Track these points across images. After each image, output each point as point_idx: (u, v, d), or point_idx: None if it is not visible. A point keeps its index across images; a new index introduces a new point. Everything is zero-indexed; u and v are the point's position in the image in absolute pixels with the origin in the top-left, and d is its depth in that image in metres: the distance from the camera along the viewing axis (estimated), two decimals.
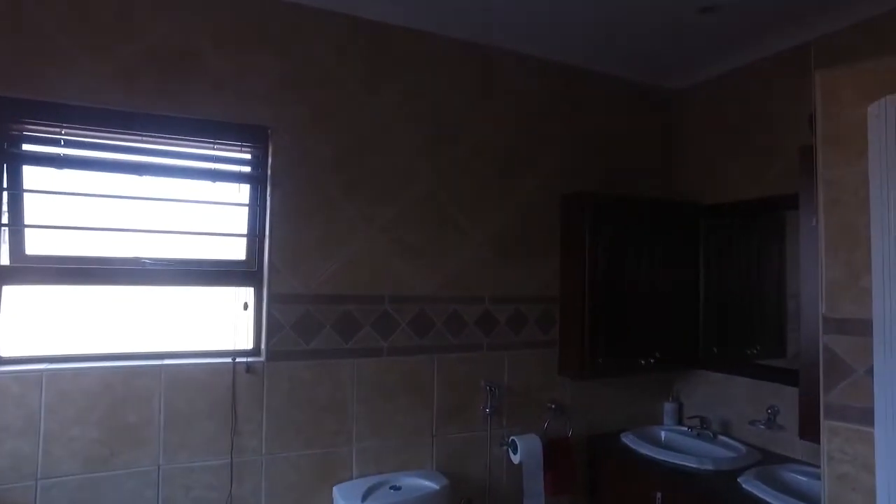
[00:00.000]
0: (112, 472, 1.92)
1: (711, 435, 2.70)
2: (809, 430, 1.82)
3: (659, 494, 2.38)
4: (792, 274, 2.56)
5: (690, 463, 2.38)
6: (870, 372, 1.33)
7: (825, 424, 1.42)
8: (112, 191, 2.01)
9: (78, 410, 1.88)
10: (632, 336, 2.72)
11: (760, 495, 2.06)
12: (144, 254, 2.05)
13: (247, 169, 2.20)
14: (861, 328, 1.36)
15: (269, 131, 2.19)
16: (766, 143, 2.67)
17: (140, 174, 2.04)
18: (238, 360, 2.10)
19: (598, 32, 2.50)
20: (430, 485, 2.25)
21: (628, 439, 2.69)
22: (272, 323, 2.16)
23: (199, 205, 2.13)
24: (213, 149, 2.13)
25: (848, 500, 1.36)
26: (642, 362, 2.73)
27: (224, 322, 2.18)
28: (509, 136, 2.64)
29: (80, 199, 1.96)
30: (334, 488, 2.21)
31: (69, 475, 1.86)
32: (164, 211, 2.08)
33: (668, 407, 2.99)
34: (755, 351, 2.76)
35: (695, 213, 2.95)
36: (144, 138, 2.03)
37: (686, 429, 2.85)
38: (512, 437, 2.54)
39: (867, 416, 1.34)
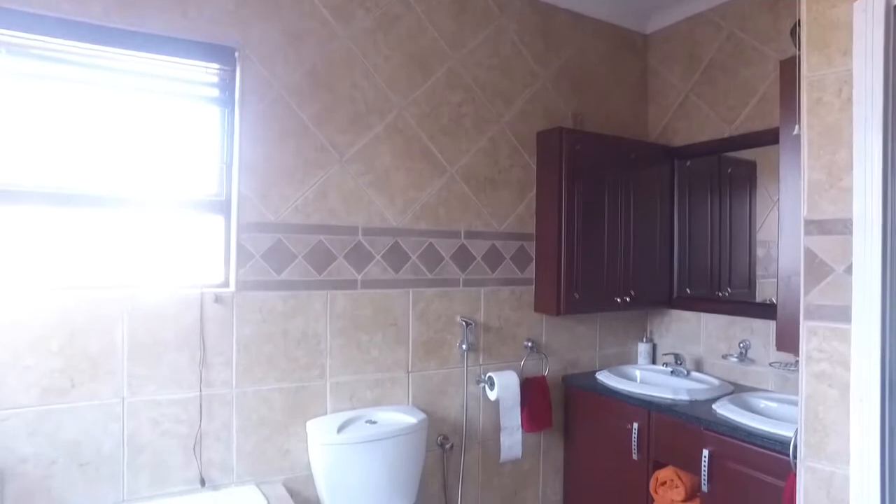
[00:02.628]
0: (73, 404, 1.83)
1: (685, 372, 2.73)
2: (785, 343, 1.84)
3: (635, 425, 2.40)
4: (761, 221, 2.60)
5: (665, 394, 2.40)
6: (849, 270, 1.34)
7: (804, 326, 1.42)
8: (65, 111, 1.88)
9: (34, 339, 1.78)
10: (607, 275, 2.71)
11: (734, 417, 2.09)
12: (106, 181, 1.93)
13: (214, 91, 2.09)
14: (841, 227, 1.36)
15: (236, 53, 2.08)
16: (741, 83, 2.67)
17: (96, 89, 1.91)
18: (206, 289, 2.02)
19: None
20: (406, 419, 2.23)
21: (603, 376, 2.71)
22: (242, 253, 2.08)
23: (163, 134, 2.01)
24: (177, 68, 2.01)
25: (825, 395, 1.37)
26: (617, 300, 2.73)
27: (191, 255, 2.08)
28: (485, 71, 2.58)
29: (33, 118, 1.83)
30: (308, 423, 2.17)
31: (26, 406, 1.77)
32: (125, 138, 1.96)
33: (643, 347, 3.02)
34: (726, 294, 2.79)
35: (670, 154, 2.94)
36: (99, 53, 1.89)
37: (660, 366, 2.88)
38: (489, 374, 2.53)
39: (845, 314, 1.34)
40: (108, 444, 1.88)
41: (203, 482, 2.01)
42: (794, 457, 1.56)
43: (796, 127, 1.48)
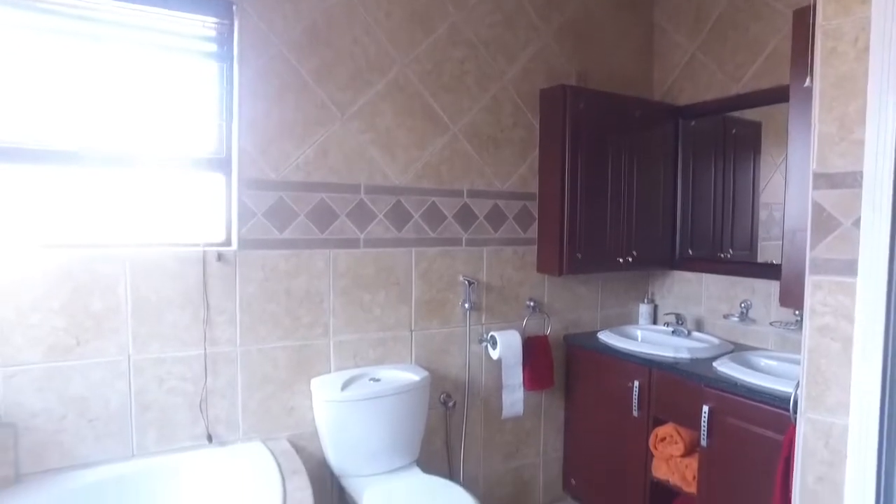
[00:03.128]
0: (79, 362, 1.84)
1: (686, 331, 2.75)
2: (788, 299, 1.85)
3: (636, 383, 2.43)
4: (765, 183, 2.58)
5: (667, 353, 2.42)
6: (857, 223, 1.32)
7: (809, 280, 1.42)
8: (62, 67, 1.83)
9: (36, 297, 1.78)
10: (609, 235, 2.70)
11: (734, 374, 2.11)
12: (105, 139, 1.90)
13: (212, 46, 2.04)
14: (850, 180, 1.34)
15: (234, 6, 2.02)
16: (750, 39, 2.61)
17: (93, 43, 1.87)
18: (208, 247, 2.01)
19: None
20: (409, 377, 2.25)
21: (605, 336, 2.72)
22: (243, 211, 2.06)
23: (162, 90, 1.97)
24: (174, 22, 1.96)
25: (827, 348, 1.38)
26: (619, 261, 2.73)
27: (193, 213, 2.06)
28: (487, 27, 2.51)
29: (28, 75, 1.79)
30: (312, 381, 2.19)
31: (32, 363, 1.78)
32: (123, 95, 1.92)
33: (644, 308, 3.03)
34: (728, 255, 2.79)
35: (675, 114, 2.90)
36: (96, 5, 1.84)
37: (662, 326, 2.90)
38: (491, 333, 2.54)
39: (851, 267, 1.34)
40: (115, 401, 1.90)
41: (210, 438, 2.04)
42: (794, 411, 1.58)
43: (808, 79, 1.45)
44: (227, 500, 1.85)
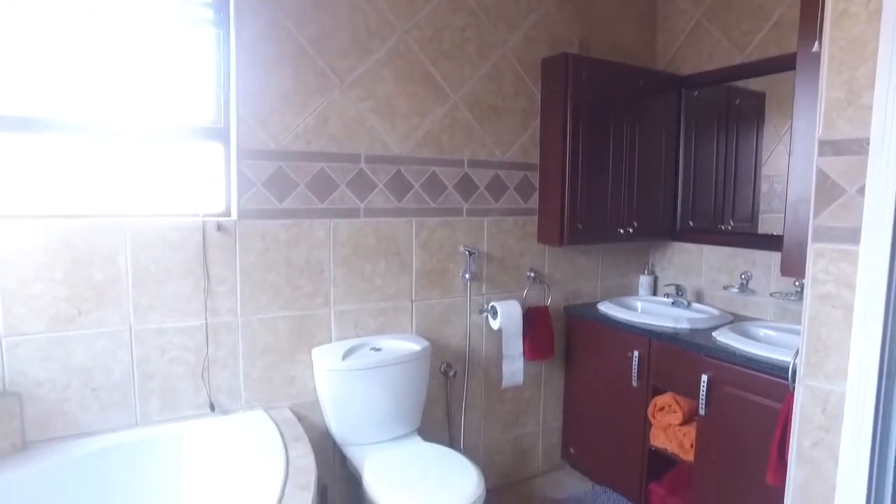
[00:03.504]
0: (81, 332, 1.84)
1: (686, 303, 2.76)
2: (789, 267, 1.84)
3: (635, 353, 2.45)
4: (767, 155, 2.56)
5: (667, 323, 2.43)
6: (861, 190, 1.32)
7: (812, 248, 1.41)
8: (56, 34, 1.80)
9: (38, 267, 1.77)
10: (610, 206, 2.69)
11: (734, 344, 2.13)
12: (103, 109, 1.88)
13: (208, 12, 2.00)
14: (856, 147, 1.33)
15: None
16: (756, 6, 2.56)
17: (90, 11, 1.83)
18: (207, 217, 2.00)
19: None
20: (410, 346, 2.26)
21: (605, 307, 2.73)
22: (242, 180, 2.04)
23: (158, 58, 1.94)
24: None
25: (828, 316, 1.38)
26: (620, 232, 2.72)
27: (192, 183, 2.05)
28: None
29: (25, 43, 1.76)
30: (313, 350, 2.20)
31: (35, 333, 1.78)
32: (119, 63, 1.89)
33: (644, 279, 3.03)
34: (729, 227, 2.78)
35: (678, 84, 2.86)
36: None
37: (662, 297, 2.91)
38: (492, 303, 2.55)
39: (854, 235, 1.33)
40: (118, 371, 1.90)
41: (213, 407, 2.05)
42: (793, 380, 1.60)
43: (816, 44, 1.43)
44: (231, 466, 1.88)
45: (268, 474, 1.69)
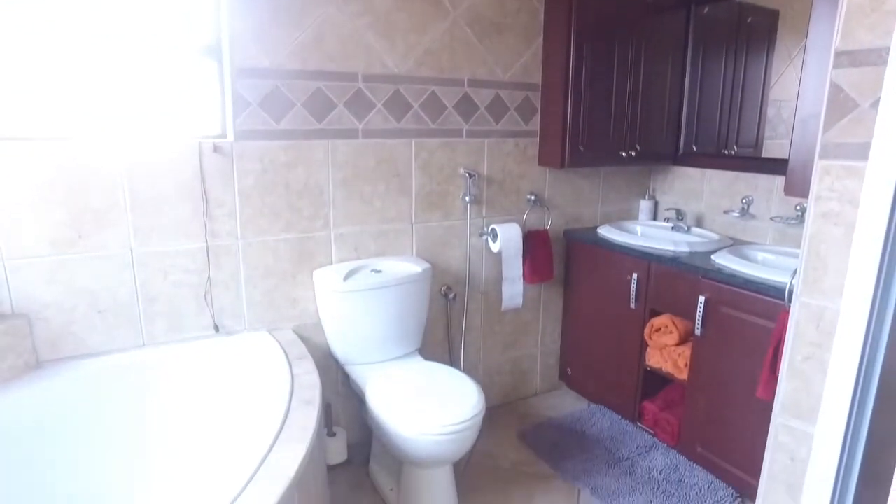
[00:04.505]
0: (83, 255, 1.85)
1: (686, 227, 2.75)
2: (793, 187, 1.83)
3: (634, 276, 2.47)
4: (776, 78, 2.49)
5: (666, 247, 2.44)
6: (875, 104, 1.28)
7: (818, 165, 1.39)
8: None
9: (35, 191, 1.75)
10: (613, 128, 2.63)
11: (732, 266, 2.14)
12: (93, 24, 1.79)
13: None
14: (875, 57, 1.28)
15: None
16: None
17: None
18: (204, 139, 1.96)
19: None
20: (411, 268, 2.27)
21: (605, 230, 2.74)
22: (238, 101, 1.99)
23: None
24: None
25: (829, 233, 1.38)
26: (622, 155, 2.68)
27: (187, 104, 1.99)
28: None
29: None
30: (314, 272, 2.22)
31: (39, 256, 1.79)
32: None
33: (645, 204, 3.02)
34: (732, 152, 2.73)
35: (686, 1, 2.73)
36: None
37: (662, 222, 2.90)
38: (492, 226, 2.55)
39: (862, 151, 1.31)
40: (122, 293, 1.92)
41: (217, 328, 2.09)
42: (789, 300, 1.62)
43: None
44: (237, 384, 1.94)
45: (273, 391, 1.74)
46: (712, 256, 2.28)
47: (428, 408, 1.85)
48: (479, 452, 2.43)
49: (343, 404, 2.41)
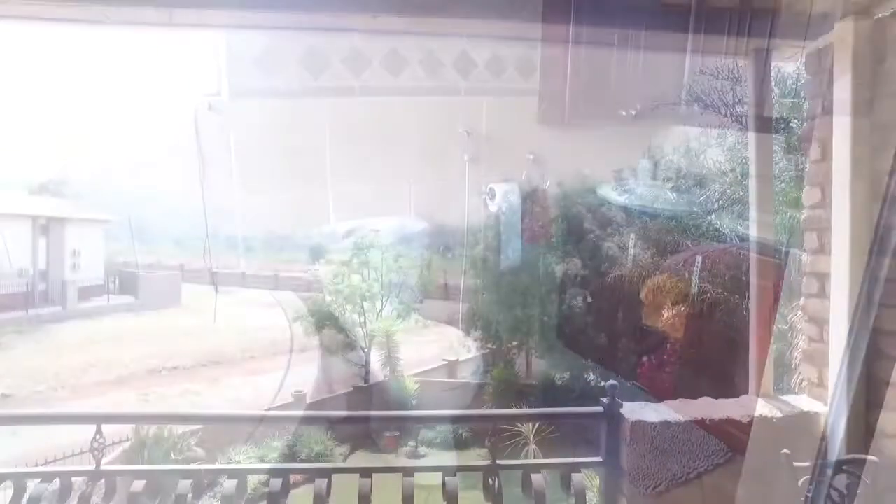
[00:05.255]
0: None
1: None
2: None
3: (632, 236, 2.47)
4: None
5: (665, 206, 2.43)
6: None
7: None
8: None
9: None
10: (614, 86, 2.59)
11: (730, 226, 2.14)
12: None
13: None
14: None
15: None
16: None
17: None
18: (199, 96, 1.94)
19: None
20: (409, 227, 2.28)
21: (603, 191, 2.72)
22: (232, 58, 1.95)
23: None
24: None
25: None
26: (623, 113, 2.65)
27: (181, 63, 1.95)
28: None
29: None
30: (312, 231, 2.22)
31: None
32: None
33: (644, 164, 3.00)
34: None
35: None
36: None
37: (660, 182, 2.89)
38: (490, 186, 2.54)
39: None
40: None
41: (217, 289, 2.10)
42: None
43: None
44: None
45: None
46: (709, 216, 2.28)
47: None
48: None
49: None
